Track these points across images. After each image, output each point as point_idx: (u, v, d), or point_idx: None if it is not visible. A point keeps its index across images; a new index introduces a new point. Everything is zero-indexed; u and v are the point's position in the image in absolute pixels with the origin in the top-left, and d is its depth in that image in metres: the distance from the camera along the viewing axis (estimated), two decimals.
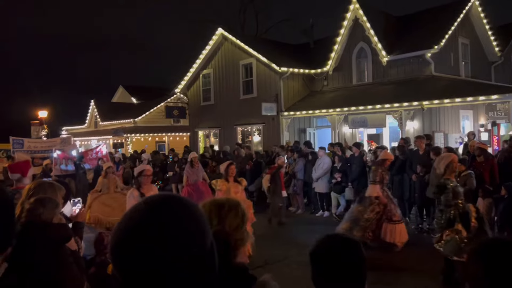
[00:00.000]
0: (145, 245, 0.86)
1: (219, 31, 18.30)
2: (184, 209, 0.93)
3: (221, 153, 14.99)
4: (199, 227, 0.92)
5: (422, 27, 15.26)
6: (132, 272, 0.88)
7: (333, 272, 1.53)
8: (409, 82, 14.01)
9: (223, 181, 6.65)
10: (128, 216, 0.93)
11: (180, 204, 0.94)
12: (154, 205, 0.93)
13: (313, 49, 18.74)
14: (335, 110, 14.37)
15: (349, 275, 1.53)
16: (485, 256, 1.24)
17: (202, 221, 0.94)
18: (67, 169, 12.18)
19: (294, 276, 5.63)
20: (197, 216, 0.94)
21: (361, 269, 1.57)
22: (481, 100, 11.91)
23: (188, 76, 19.91)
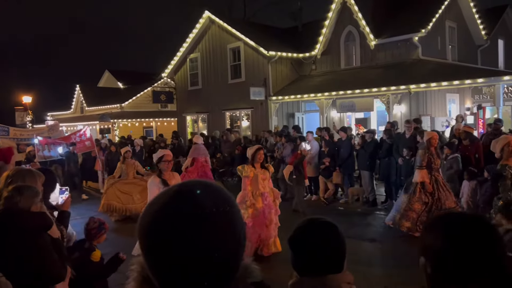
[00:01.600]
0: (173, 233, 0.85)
1: (206, 14, 18.03)
2: (214, 200, 0.91)
3: (210, 138, 14.93)
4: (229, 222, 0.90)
5: (409, 10, 15.23)
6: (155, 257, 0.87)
7: (311, 256, 1.53)
8: (396, 66, 14.04)
9: (250, 167, 6.12)
10: (154, 201, 0.91)
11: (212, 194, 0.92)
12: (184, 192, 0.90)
13: (301, 33, 18.61)
14: (323, 94, 14.37)
15: (327, 259, 1.53)
16: (444, 227, 1.23)
17: (233, 215, 0.92)
18: (50, 155, 11.88)
19: (282, 259, 5.69)
20: (228, 207, 0.92)
21: (339, 252, 1.57)
22: (467, 84, 12.01)
23: (175, 60, 19.66)
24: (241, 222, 0.94)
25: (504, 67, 17.91)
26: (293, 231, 1.61)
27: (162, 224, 0.85)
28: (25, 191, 2.59)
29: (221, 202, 0.91)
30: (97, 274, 3.44)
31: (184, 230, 0.84)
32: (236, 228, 0.91)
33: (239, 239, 0.91)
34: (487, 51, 17.44)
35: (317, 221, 1.66)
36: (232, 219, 0.90)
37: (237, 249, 0.91)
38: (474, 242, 1.17)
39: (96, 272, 3.43)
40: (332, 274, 1.52)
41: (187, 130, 19.93)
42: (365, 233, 7.49)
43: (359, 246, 6.71)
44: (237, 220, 0.92)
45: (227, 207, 0.90)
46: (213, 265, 0.86)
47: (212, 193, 0.92)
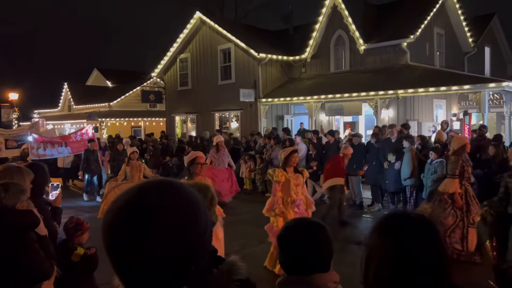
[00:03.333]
0: (125, 229, 0.86)
1: (197, 14, 18.01)
2: (175, 196, 0.92)
3: (198, 139, 14.91)
4: (190, 216, 0.91)
5: (399, 16, 15.42)
6: (117, 253, 0.88)
7: (299, 255, 1.57)
8: (385, 71, 14.19)
9: (282, 171, 5.56)
10: (117, 199, 0.92)
11: (173, 190, 0.93)
12: (144, 188, 0.92)
13: (292, 36, 18.70)
14: (313, 97, 14.45)
15: (315, 258, 1.57)
16: (387, 229, 1.25)
17: (193, 210, 0.93)
18: (45, 153, 11.37)
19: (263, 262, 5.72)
20: (189, 204, 0.93)
21: (327, 252, 1.61)
22: (454, 90, 12.19)
23: (165, 60, 19.59)
24: (205, 218, 0.95)
25: (490, 74, 18.22)
26: (283, 230, 1.65)
27: (125, 220, 0.86)
28: (11, 188, 2.57)
29: (183, 199, 0.92)
30: (80, 272, 3.41)
31: (145, 226, 0.85)
32: (198, 224, 0.92)
33: (202, 235, 0.93)
34: (473, 58, 17.73)
35: (307, 221, 1.70)
36: (193, 214, 0.92)
37: (201, 244, 0.92)
38: (412, 243, 1.18)
39: (79, 271, 3.40)
40: (319, 273, 1.55)
41: (176, 131, 19.86)
42: (352, 235, 7.55)
43: (345, 248, 6.77)
44: (200, 215, 0.93)
45: (189, 203, 0.92)
46: (176, 259, 0.87)
47: (174, 189, 0.93)
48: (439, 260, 1.18)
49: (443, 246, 1.22)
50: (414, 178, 8.32)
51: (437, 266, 1.17)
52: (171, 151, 14.26)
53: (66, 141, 11.96)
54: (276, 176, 5.54)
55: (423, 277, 1.16)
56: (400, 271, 1.18)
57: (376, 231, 1.27)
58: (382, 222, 1.29)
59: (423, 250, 1.18)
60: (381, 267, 1.20)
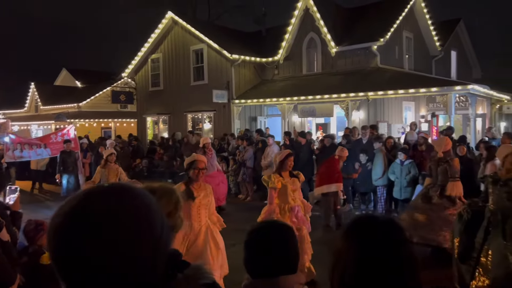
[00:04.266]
0: (69, 234, 0.83)
1: (169, 14, 17.81)
2: (123, 201, 0.88)
3: (170, 140, 14.72)
4: (140, 222, 0.88)
5: (370, 19, 15.72)
6: (61, 260, 0.85)
7: (267, 258, 1.56)
8: (356, 73, 14.42)
9: (278, 176, 5.13)
10: (64, 204, 0.89)
11: (122, 195, 0.90)
12: (92, 193, 0.88)
13: (265, 38, 18.75)
14: (285, 99, 14.53)
15: (283, 260, 1.56)
16: (354, 232, 1.25)
17: (145, 215, 0.90)
18: (22, 155, 10.78)
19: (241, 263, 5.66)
20: (140, 208, 0.90)
21: (294, 254, 1.60)
22: (422, 92, 12.51)
23: (136, 60, 19.25)
24: (160, 222, 0.92)
25: (457, 77, 18.82)
26: (249, 233, 1.63)
27: (69, 227, 0.83)
28: None
29: (133, 203, 0.89)
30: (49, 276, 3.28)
31: (93, 230, 0.82)
32: (151, 229, 0.89)
33: (157, 240, 0.90)
34: (441, 62, 18.27)
35: (274, 223, 1.69)
36: (145, 219, 0.89)
37: (155, 249, 0.89)
38: (376, 247, 1.18)
39: (48, 275, 3.27)
40: (285, 275, 1.53)
41: (147, 132, 19.55)
42: (324, 236, 7.60)
43: (317, 249, 6.80)
44: (153, 220, 0.90)
45: (139, 208, 0.89)
46: (126, 267, 0.84)
47: (123, 194, 0.90)
48: (404, 264, 1.17)
49: (409, 249, 1.21)
50: (385, 178, 8.48)
51: (402, 271, 1.16)
52: (142, 153, 14.01)
53: (45, 142, 11.30)
54: (272, 183, 5.12)
55: (386, 282, 1.15)
56: (365, 275, 1.17)
57: (343, 235, 1.27)
58: (348, 226, 1.28)
59: (387, 254, 1.17)
60: (346, 271, 1.20)
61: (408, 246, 1.21)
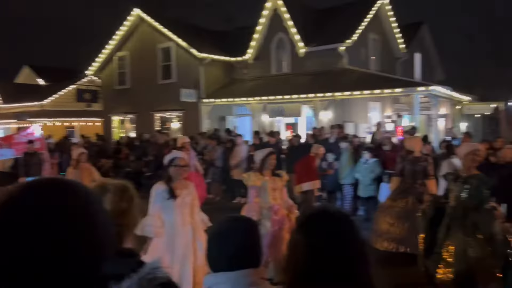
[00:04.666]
0: None
1: (136, 11, 17.47)
2: (61, 197, 0.84)
3: (137, 140, 14.43)
4: (80, 218, 0.84)
5: (337, 21, 15.96)
6: None
7: (227, 251, 1.56)
8: (324, 74, 14.61)
9: (257, 175, 5.03)
10: (2, 195, 0.85)
11: (60, 190, 0.85)
12: (24, 188, 0.84)
13: (234, 37, 18.69)
14: (255, 98, 14.54)
15: (242, 254, 1.57)
16: (305, 224, 1.28)
17: (84, 212, 0.86)
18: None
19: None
20: (79, 205, 0.85)
21: (258, 248, 1.62)
22: (387, 93, 12.82)
23: (101, 58, 18.78)
24: (103, 220, 0.89)
25: (421, 79, 19.38)
26: (214, 227, 1.65)
27: (5, 218, 0.80)
28: None
29: (75, 196, 0.86)
30: None
31: (28, 224, 0.79)
32: (93, 226, 0.86)
33: (100, 238, 0.86)
34: (405, 64, 18.79)
35: (235, 218, 1.72)
36: (84, 216, 0.85)
37: (97, 248, 0.86)
38: (325, 239, 1.21)
39: None
40: (246, 269, 1.55)
41: (113, 131, 19.10)
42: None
43: None
44: (95, 218, 0.87)
45: (79, 204, 0.86)
46: (62, 265, 0.80)
47: (64, 186, 0.87)
48: (353, 256, 1.19)
49: (358, 242, 1.23)
50: (351, 177, 8.62)
51: (351, 263, 1.18)
52: (107, 153, 13.65)
53: (8, 142, 10.59)
54: (251, 180, 5.02)
55: (335, 273, 1.16)
56: (314, 266, 1.19)
57: (296, 227, 1.30)
58: (301, 218, 1.31)
59: (336, 246, 1.20)
60: (298, 263, 1.22)
61: (357, 239, 1.24)
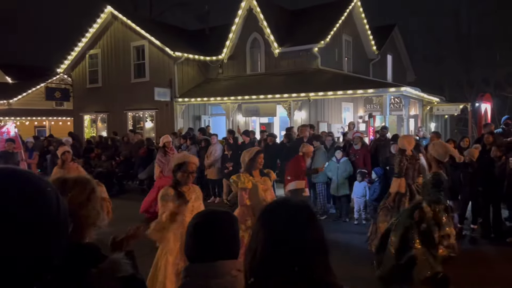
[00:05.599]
0: None
1: (108, 9, 17.14)
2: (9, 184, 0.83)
3: (109, 139, 14.17)
4: (31, 208, 0.83)
5: (311, 22, 16.13)
6: None
7: (205, 242, 1.60)
8: (298, 74, 14.74)
9: (247, 176, 4.75)
10: None
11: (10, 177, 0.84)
12: None
13: (208, 36, 18.62)
14: (229, 98, 14.52)
15: (220, 246, 1.61)
16: (265, 214, 1.32)
17: (36, 200, 0.84)
18: None
19: None
20: (28, 194, 0.84)
21: (232, 240, 1.65)
22: (359, 94, 13.05)
23: (72, 56, 18.34)
24: (56, 211, 0.87)
25: (392, 80, 19.85)
26: (195, 219, 1.68)
27: None
28: None
29: (24, 186, 0.84)
30: None
31: None
32: (46, 216, 0.85)
33: (51, 229, 0.85)
34: (378, 65, 19.18)
35: (213, 211, 1.75)
36: (36, 205, 0.84)
37: (48, 239, 0.84)
38: (281, 229, 1.23)
39: None
40: (223, 260, 1.58)
41: (84, 130, 18.69)
42: None
43: None
44: (47, 207, 0.86)
45: (29, 193, 0.84)
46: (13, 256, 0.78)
47: (18, 177, 0.85)
48: (310, 246, 1.22)
49: (317, 233, 1.25)
50: (324, 175, 8.72)
51: (308, 252, 1.21)
52: (78, 152, 13.33)
53: None
54: (241, 183, 4.73)
55: (291, 262, 1.18)
56: (271, 255, 1.21)
57: (257, 217, 1.32)
58: (262, 208, 1.32)
59: (292, 235, 1.22)
60: (257, 252, 1.24)
61: (316, 229, 1.26)
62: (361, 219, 8.13)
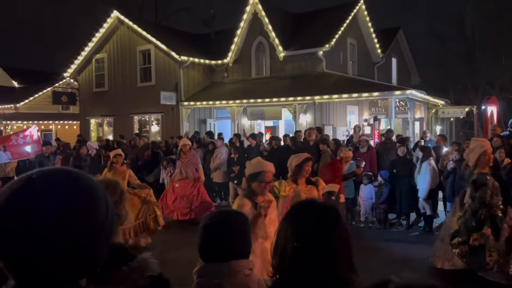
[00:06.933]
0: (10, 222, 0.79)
1: (115, 13, 17.29)
2: (66, 183, 0.85)
3: (115, 143, 14.26)
4: (85, 205, 0.85)
5: (316, 25, 16.19)
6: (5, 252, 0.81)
7: (219, 243, 1.64)
8: (303, 78, 14.79)
9: (289, 184, 4.43)
10: (5, 188, 0.84)
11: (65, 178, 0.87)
12: (30, 178, 0.84)
13: (214, 40, 18.73)
14: (235, 102, 14.59)
15: (233, 246, 1.65)
16: (291, 215, 1.35)
17: (89, 199, 0.87)
18: None
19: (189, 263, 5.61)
20: (83, 192, 0.86)
21: (248, 240, 1.71)
22: (365, 97, 13.07)
23: (79, 60, 18.49)
24: (105, 208, 0.89)
25: (397, 83, 19.84)
26: (206, 219, 1.72)
27: (6, 210, 0.80)
28: None
29: (77, 186, 0.86)
30: None
31: (27, 217, 0.79)
32: (96, 212, 0.87)
33: (101, 226, 0.87)
34: (382, 68, 19.18)
35: (226, 212, 1.82)
36: (89, 203, 0.86)
37: (97, 236, 0.86)
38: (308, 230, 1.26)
39: None
40: (236, 260, 1.63)
41: (90, 134, 18.81)
42: None
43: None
44: (98, 205, 0.88)
45: (84, 191, 0.86)
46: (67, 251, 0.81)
47: (69, 176, 0.88)
48: (336, 247, 1.24)
49: (343, 234, 1.29)
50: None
51: (334, 253, 1.23)
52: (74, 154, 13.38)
53: (5, 144, 10.05)
54: (282, 190, 4.36)
55: (318, 262, 1.21)
56: (299, 257, 1.23)
57: (283, 218, 1.36)
58: (289, 209, 1.36)
59: (320, 235, 1.25)
60: (284, 249, 1.27)
61: (342, 230, 1.29)
62: (368, 222, 8.15)
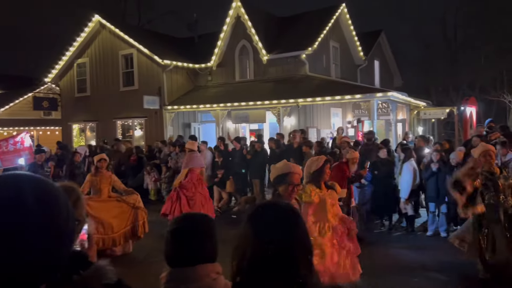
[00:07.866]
0: None
1: (96, 18, 17.11)
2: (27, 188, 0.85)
3: (98, 148, 14.09)
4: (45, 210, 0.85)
5: (299, 29, 16.29)
6: None
7: (184, 247, 1.62)
8: (286, 81, 14.85)
9: (314, 189, 4.10)
10: None
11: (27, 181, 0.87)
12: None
13: (197, 44, 18.68)
14: (219, 105, 14.56)
15: (199, 250, 1.63)
16: (251, 216, 1.35)
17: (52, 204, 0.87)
18: None
19: None
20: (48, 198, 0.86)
21: (210, 245, 1.67)
22: (348, 99, 13.17)
23: (60, 65, 18.23)
24: (66, 214, 0.89)
25: (380, 85, 20.06)
26: (172, 224, 1.70)
27: None
28: None
29: (40, 190, 0.87)
30: None
31: None
32: (56, 217, 0.86)
33: (60, 230, 0.86)
34: (365, 71, 19.38)
35: (192, 215, 1.80)
36: (48, 207, 0.86)
37: (60, 243, 0.86)
38: (268, 231, 1.27)
39: None
40: (202, 264, 1.60)
41: (73, 140, 18.55)
42: None
43: None
44: (59, 210, 0.88)
45: (49, 197, 0.87)
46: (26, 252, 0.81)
47: (29, 180, 0.88)
48: (295, 247, 1.25)
49: (301, 234, 1.29)
50: None
51: (293, 253, 1.23)
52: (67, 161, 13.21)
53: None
54: (307, 196, 4.03)
55: (278, 261, 1.21)
56: (259, 255, 1.24)
57: (245, 220, 1.35)
58: (250, 212, 1.36)
59: (279, 236, 1.25)
60: (245, 252, 1.27)
61: (301, 230, 1.29)
62: None
